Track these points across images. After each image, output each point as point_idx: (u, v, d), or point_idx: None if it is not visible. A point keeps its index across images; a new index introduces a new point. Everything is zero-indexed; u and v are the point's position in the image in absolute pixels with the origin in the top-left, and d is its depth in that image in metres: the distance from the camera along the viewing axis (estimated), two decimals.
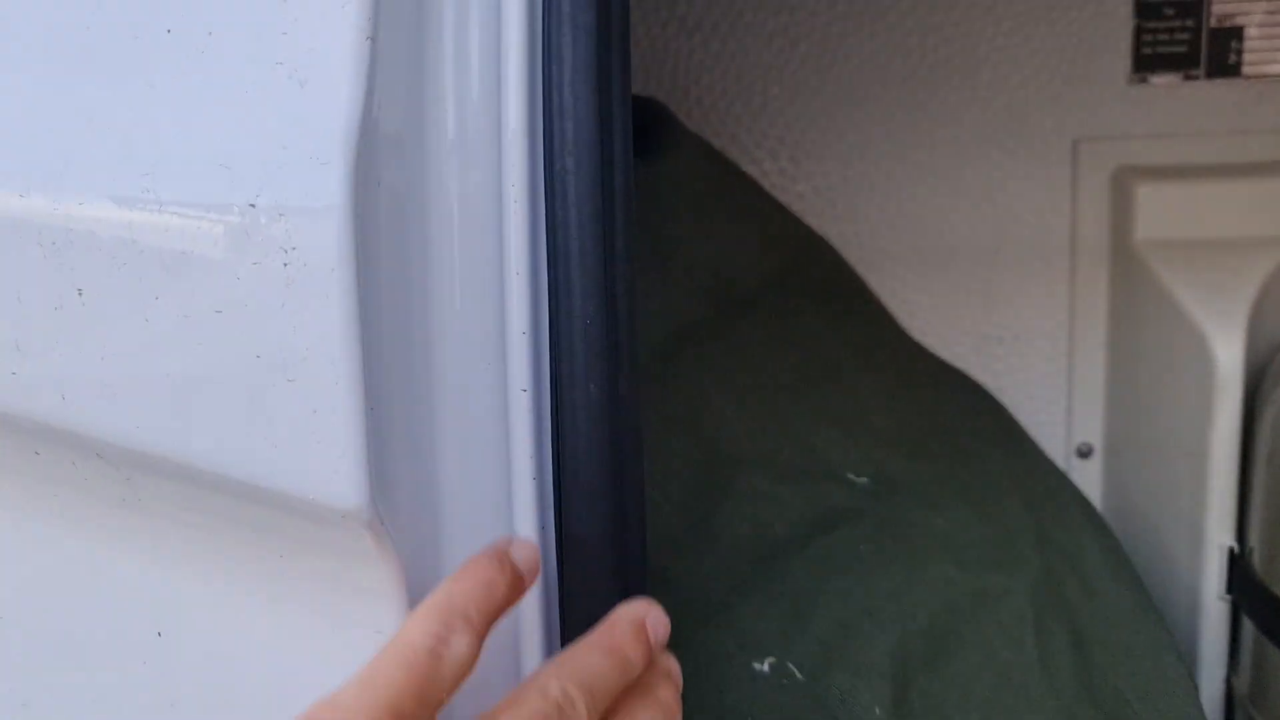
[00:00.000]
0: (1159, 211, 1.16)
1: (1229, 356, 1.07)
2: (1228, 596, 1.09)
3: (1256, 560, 1.04)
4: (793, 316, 1.04)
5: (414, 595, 0.52)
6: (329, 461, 0.46)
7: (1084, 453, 1.26)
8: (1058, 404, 1.26)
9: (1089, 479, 1.26)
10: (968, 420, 1.12)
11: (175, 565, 0.54)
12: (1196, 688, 0.98)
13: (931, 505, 0.95)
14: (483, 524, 0.53)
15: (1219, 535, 1.09)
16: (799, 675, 0.80)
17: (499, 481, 0.52)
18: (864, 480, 0.96)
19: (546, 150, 0.50)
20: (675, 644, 0.79)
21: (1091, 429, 1.26)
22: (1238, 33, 1.19)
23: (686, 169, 1.07)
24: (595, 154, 0.50)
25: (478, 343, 0.51)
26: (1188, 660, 1.10)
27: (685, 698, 0.76)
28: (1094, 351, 1.24)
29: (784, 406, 0.99)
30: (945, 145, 1.23)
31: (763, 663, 0.80)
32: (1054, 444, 1.26)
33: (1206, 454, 1.08)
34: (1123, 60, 1.20)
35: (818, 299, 1.08)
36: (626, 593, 0.54)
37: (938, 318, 1.24)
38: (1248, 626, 1.06)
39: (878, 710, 0.78)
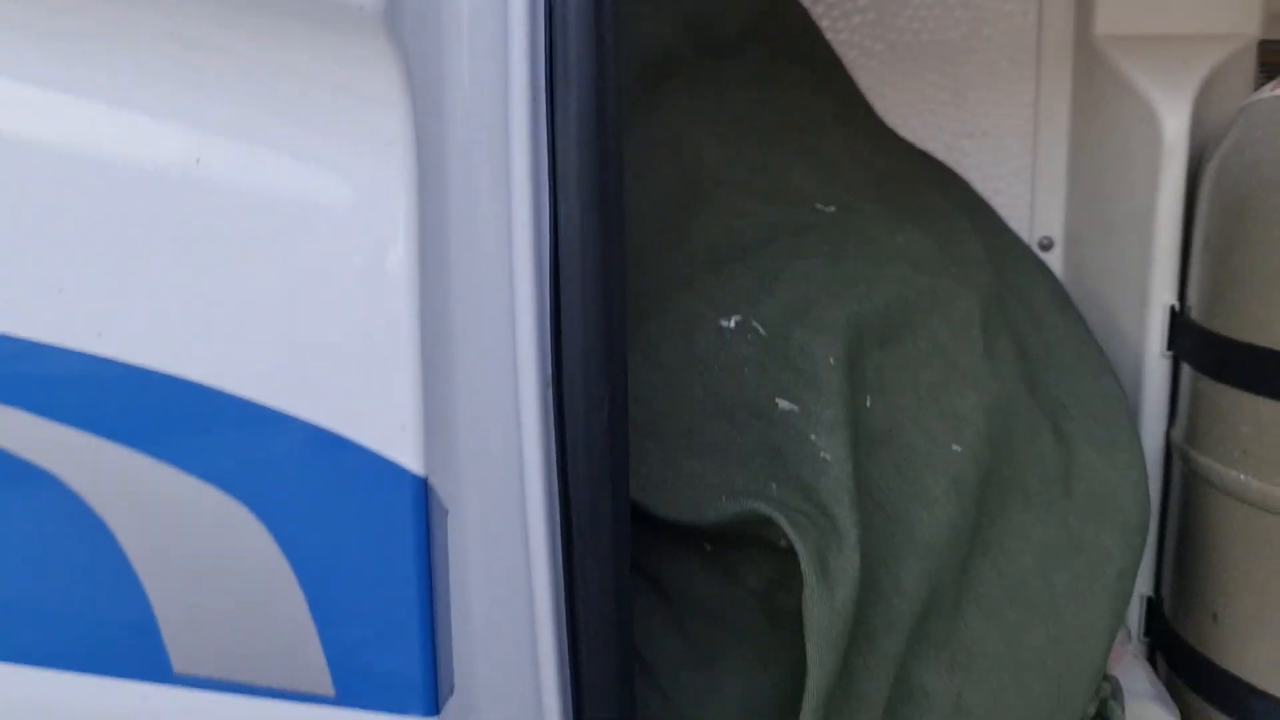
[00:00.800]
0: (1118, 7, 1.25)
1: (1176, 126, 1.16)
2: (1169, 353, 1.19)
3: (1195, 314, 1.13)
4: (773, 70, 1.13)
5: (419, 101, 0.62)
6: None
7: (1046, 246, 1.35)
8: (1022, 199, 1.35)
9: (1051, 266, 1.34)
10: (937, 185, 1.21)
11: (209, 91, 0.64)
12: (1127, 405, 1.08)
13: (893, 229, 1.04)
14: None
15: (1162, 294, 1.18)
16: (762, 331, 0.89)
17: None
18: (831, 209, 1.06)
19: None
20: (652, 308, 0.90)
21: (1053, 223, 1.35)
22: None
23: None
24: None
25: None
26: (1133, 417, 1.20)
27: (659, 348, 0.87)
28: (1057, 147, 1.32)
29: (763, 146, 1.08)
30: None
31: (730, 320, 0.90)
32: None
33: (1153, 217, 1.17)
34: None
35: (798, 61, 1.17)
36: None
37: (911, 114, 1.33)
38: (1185, 381, 1.15)
39: (831, 360, 0.87)
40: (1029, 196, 1.35)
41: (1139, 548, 0.98)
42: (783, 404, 0.86)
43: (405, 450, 0.64)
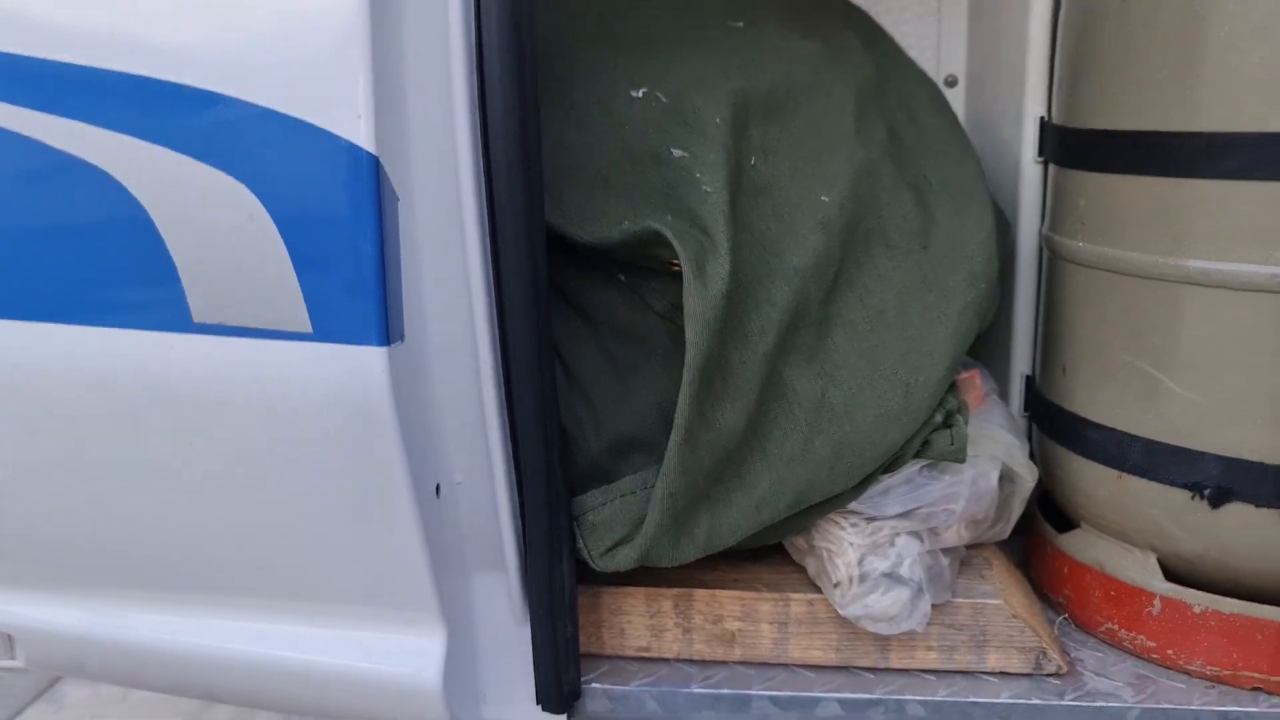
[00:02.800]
0: None
1: None
2: (1040, 159, 1.38)
3: (1054, 117, 1.32)
4: None
5: None
6: None
7: (951, 83, 1.55)
8: (930, 42, 1.54)
9: (955, 106, 1.54)
10: (843, 17, 1.40)
11: None
12: (986, 186, 1.28)
13: (788, 38, 1.24)
14: None
15: (1035, 108, 1.37)
16: (664, 99, 1.11)
17: None
18: (739, 24, 1.26)
19: None
20: (578, 82, 1.10)
21: (957, 63, 1.54)
22: None
23: None
24: None
25: None
26: (1012, 217, 1.40)
27: (582, 112, 1.07)
28: None
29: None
30: None
31: (639, 91, 1.11)
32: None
33: (1025, 40, 1.36)
34: None
35: None
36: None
37: None
38: (1051, 176, 1.35)
39: (717, 120, 1.08)
40: (936, 40, 1.55)
41: (982, 290, 1.18)
42: (676, 152, 1.07)
43: (361, 135, 0.86)
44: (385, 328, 0.90)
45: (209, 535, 0.99)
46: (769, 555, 1.26)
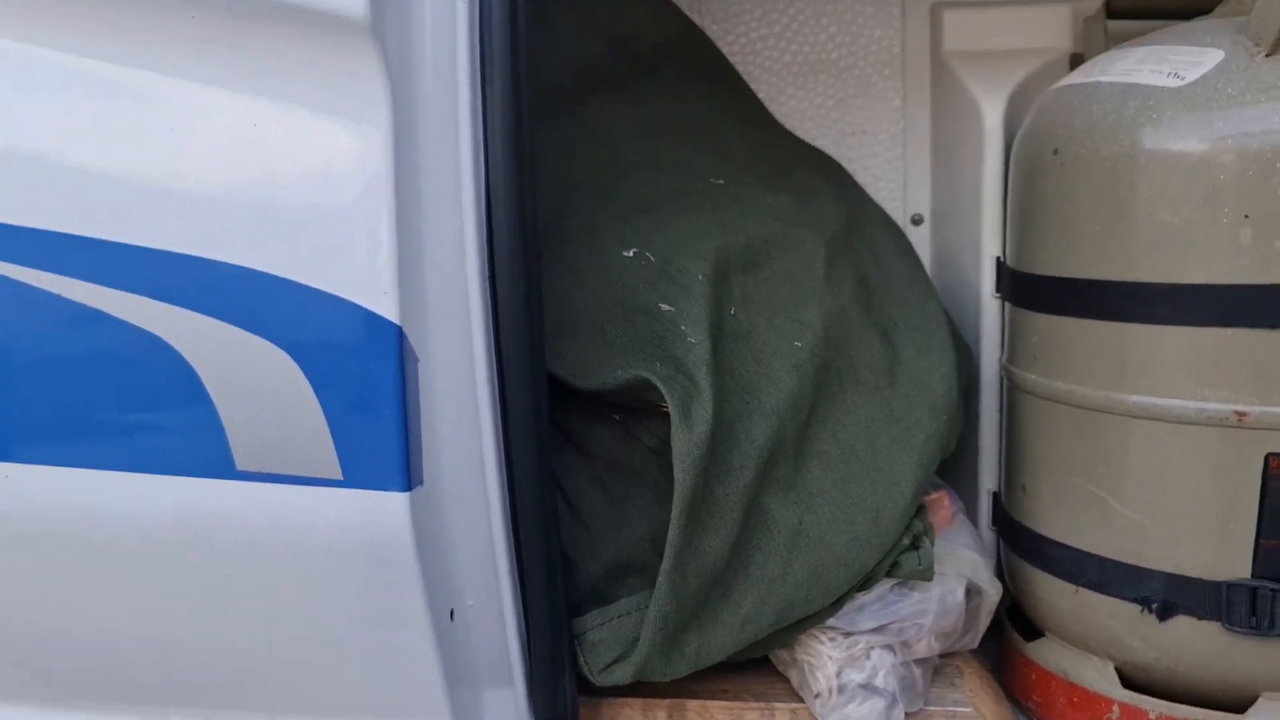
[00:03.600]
0: (960, 31, 1.60)
1: (994, 117, 1.50)
2: (998, 295, 1.51)
3: (1009, 261, 1.46)
4: (682, 84, 1.49)
5: (396, 85, 0.97)
6: None
7: (917, 221, 1.69)
8: (896, 184, 1.69)
9: (921, 241, 1.68)
10: (813, 168, 1.55)
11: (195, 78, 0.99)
12: (950, 325, 1.41)
13: (764, 193, 1.38)
14: None
15: (991, 249, 1.51)
16: (652, 259, 1.24)
17: None
18: (720, 182, 1.40)
19: None
20: (579, 241, 1.25)
21: (922, 202, 1.69)
22: None
23: None
24: None
25: None
26: (974, 347, 1.53)
27: (580, 270, 1.21)
28: (921, 141, 1.67)
29: (671, 141, 1.44)
30: None
31: (629, 251, 1.25)
32: (896, 216, 1.68)
33: (981, 190, 1.51)
34: None
35: (702, 77, 1.53)
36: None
37: (805, 118, 1.68)
38: (1006, 315, 1.48)
39: (700, 277, 1.22)
40: (902, 181, 1.69)
41: (944, 422, 1.30)
42: (664, 307, 1.20)
43: (386, 308, 0.99)
44: (407, 475, 1.02)
45: (245, 658, 1.09)
46: (756, 667, 1.35)
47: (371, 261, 0.99)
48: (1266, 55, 1.17)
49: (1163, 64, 1.22)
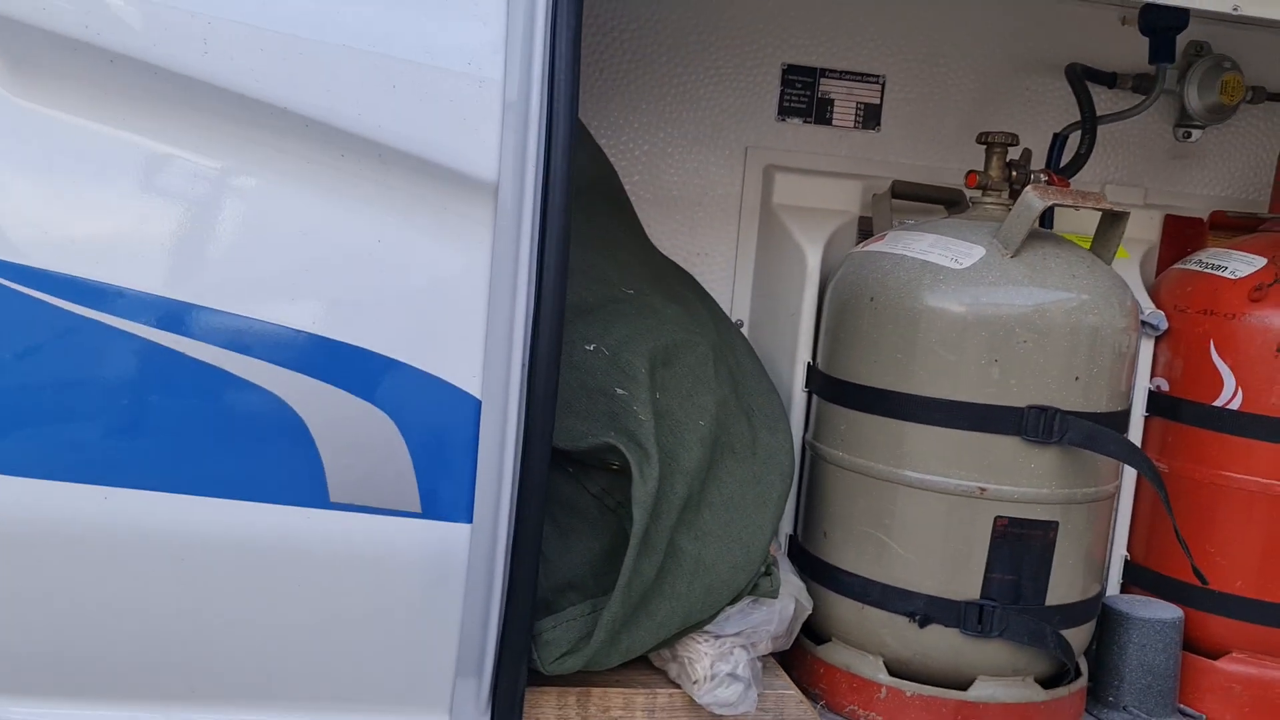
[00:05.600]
0: (785, 189, 2.14)
1: (814, 261, 2.05)
2: (807, 389, 2.06)
3: (820, 365, 2.00)
4: (599, 210, 1.91)
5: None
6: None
7: (740, 324, 2.21)
8: (726, 295, 2.20)
9: None
10: (683, 282, 2.03)
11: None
12: (786, 415, 1.93)
13: (665, 305, 1.84)
14: None
15: (804, 355, 2.05)
16: (607, 353, 1.65)
17: None
18: (631, 292, 1.84)
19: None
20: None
21: (743, 309, 2.21)
22: (831, 101, 2.22)
23: None
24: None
25: None
26: (787, 419, 2.05)
27: (561, 363, 1.58)
28: (747, 264, 2.20)
29: (594, 255, 1.85)
30: (676, 141, 2.16)
31: (591, 346, 1.65)
32: None
33: (799, 312, 2.05)
34: (773, 105, 2.19)
35: (614, 205, 1.96)
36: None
37: (666, 239, 2.16)
38: (814, 405, 2.02)
39: (643, 370, 1.65)
40: (730, 293, 2.21)
41: (788, 484, 1.81)
42: (619, 391, 1.62)
43: (475, 388, 1.34)
44: (471, 513, 1.37)
45: (308, 654, 1.38)
46: (640, 664, 1.78)
47: (467, 352, 1.34)
48: (1011, 256, 1.79)
49: (948, 250, 1.82)
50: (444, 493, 1.35)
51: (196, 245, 1.30)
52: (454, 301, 1.34)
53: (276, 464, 1.32)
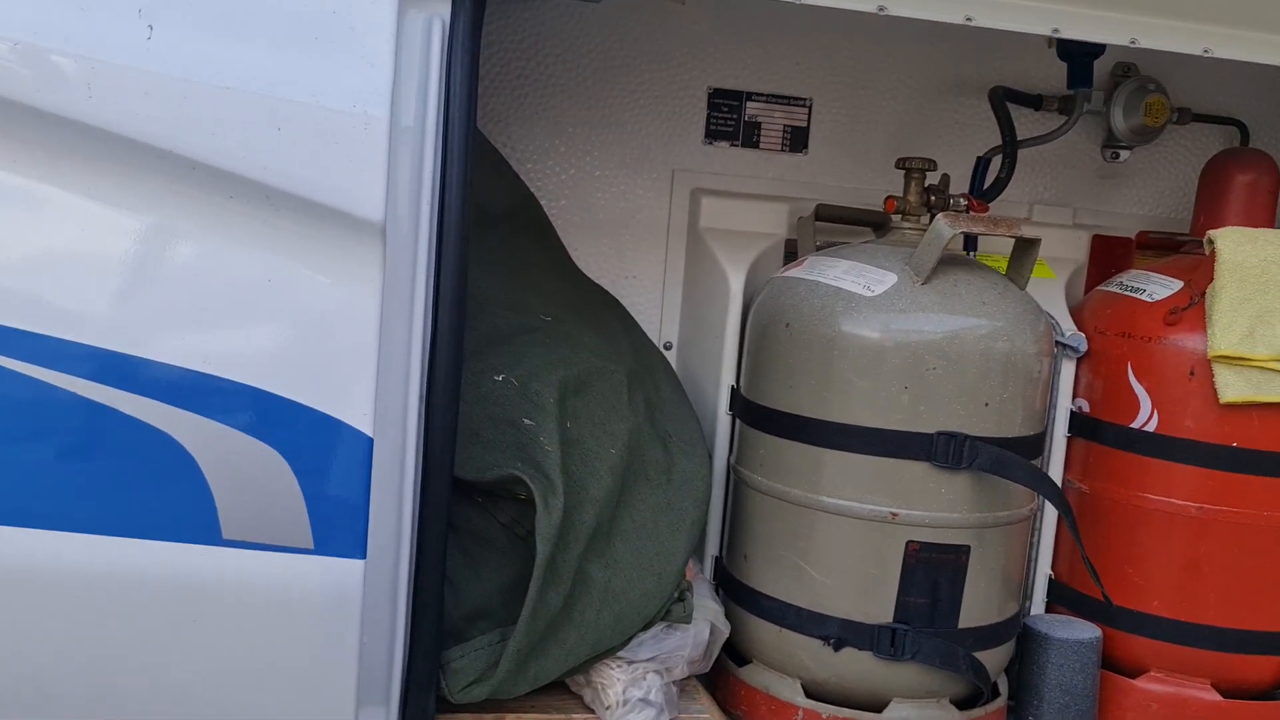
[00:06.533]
0: (712, 213, 2.16)
1: (737, 285, 2.07)
2: (730, 412, 2.07)
3: (742, 390, 2.01)
4: (518, 237, 1.93)
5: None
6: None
7: (668, 346, 2.23)
8: (655, 318, 2.22)
9: (671, 361, 2.21)
10: (606, 306, 2.04)
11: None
12: (704, 438, 1.94)
13: (582, 331, 1.85)
14: None
15: (728, 378, 2.07)
16: (516, 383, 1.67)
17: None
18: (548, 319, 1.85)
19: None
20: (465, 369, 1.62)
21: (672, 333, 2.23)
22: (758, 125, 2.23)
23: None
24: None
25: None
26: (706, 442, 2.07)
27: (465, 391, 1.60)
28: (674, 288, 2.21)
29: (510, 280, 1.87)
30: (603, 164, 2.17)
31: (500, 377, 1.67)
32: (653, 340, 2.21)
33: (723, 335, 2.06)
34: (700, 129, 2.20)
35: (534, 232, 1.98)
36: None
37: (593, 262, 2.17)
38: (737, 428, 2.03)
39: (551, 400, 1.66)
40: (659, 316, 2.22)
41: (703, 510, 1.82)
42: (526, 421, 1.63)
43: (366, 425, 1.35)
44: (365, 548, 1.38)
45: (207, 689, 1.39)
46: (555, 688, 1.79)
47: (358, 389, 1.35)
48: (922, 283, 1.80)
49: (861, 277, 1.83)
50: (337, 528, 1.37)
51: (86, 285, 1.31)
52: (344, 339, 1.35)
53: (168, 501, 1.33)
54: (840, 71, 2.27)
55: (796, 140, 2.26)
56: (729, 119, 2.21)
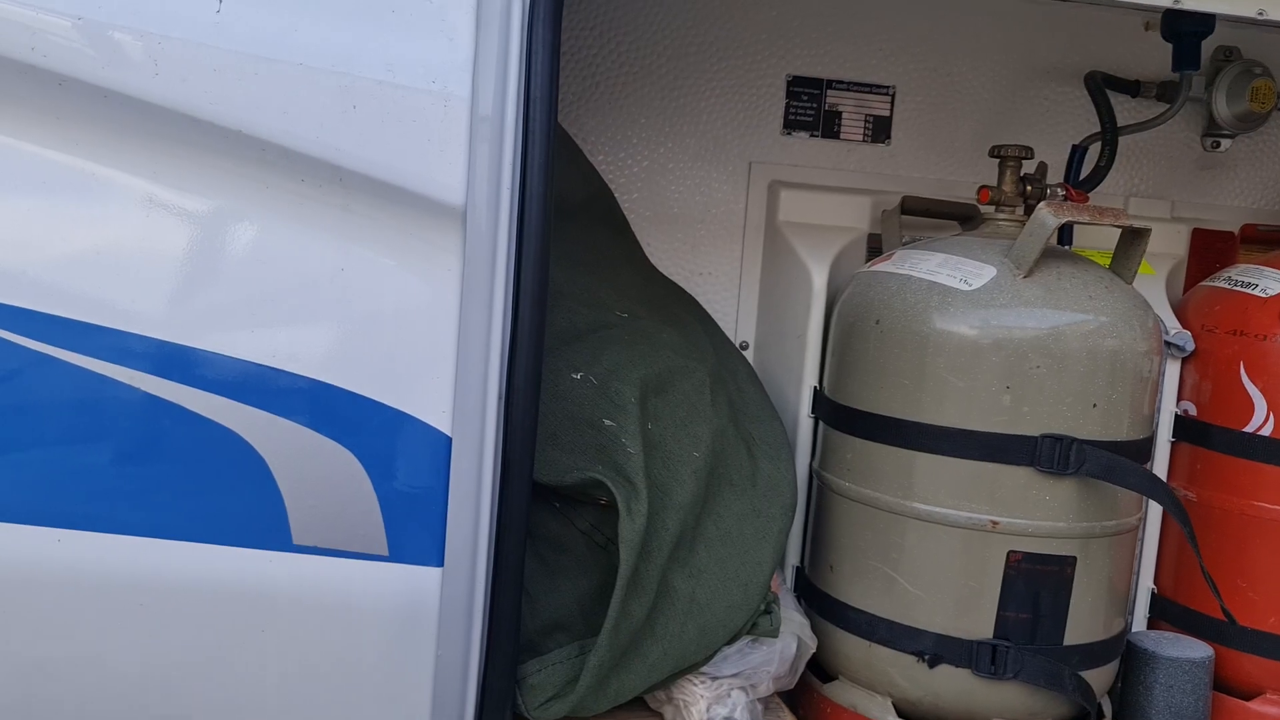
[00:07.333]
0: (791, 206, 2.06)
1: (820, 282, 1.97)
2: (812, 415, 1.97)
3: (826, 391, 1.91)
4: (593, 229, 1.84)
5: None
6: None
7: (744, 346, 2.13)
8: (730, 316, 2.12)
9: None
10: (682, 304, 1.95)
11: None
12: (789, 441, 1.84)
13: (661, 329, 1.76)
14: None
15: (810, 379, 1.97)
16: (595, 382, 1.58)
17: None
18: (625, 316, 1.76)
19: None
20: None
21: (749, 332, 2.13)
22: (838, 114, 2.13)
23: None
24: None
25: None
26: (790, 447, 1.97)
27: (543, 394, 1.52)
28: (752, 285, 2.11)
29: (586, 275, 1.78)
30: (677, 156, 2.08)
31: (578, 374, 1.58)
32: None
33: (806, 335, 1.96)
34: (778, 119, 2.10)
35: (606, 224, 1.89)
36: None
37: (667, 258, 2.08)
38: (820, 431, 1.93)
39: (632, 400, 1.57)
40: (735, 315, 2.13)
41: (790, 517, 1.72)
42: (607, 422, 1.54)
43: (444, 423, 1.26)
44: (442, 555, 1.29)
45: (275, 702, 1.31)
46: (634, 706, 1.70)
47: (436, 386, 1.27)
48: (1024, 276, 1.69)
49: (956, 271, 1.72)
50: (413, 534, 1.28)
51: (151, 275, 1.23)
52: (422, 333, 1.27)
53: (236, 504, 1.26)
54: (924, 58, 2.17)
55: (879, 130, 2.15)
56: (808, 108, 2.11)
